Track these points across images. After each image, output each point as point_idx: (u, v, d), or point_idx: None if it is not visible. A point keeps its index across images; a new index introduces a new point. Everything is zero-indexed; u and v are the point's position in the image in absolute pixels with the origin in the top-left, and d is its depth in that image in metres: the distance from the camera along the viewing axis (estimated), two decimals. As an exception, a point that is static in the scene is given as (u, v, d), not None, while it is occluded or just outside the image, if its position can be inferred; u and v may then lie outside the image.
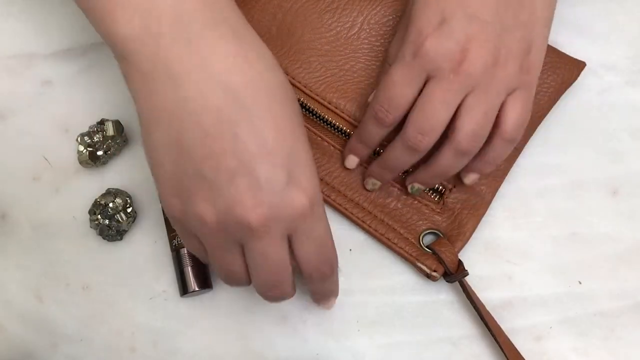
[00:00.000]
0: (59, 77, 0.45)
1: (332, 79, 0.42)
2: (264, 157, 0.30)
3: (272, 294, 0.34)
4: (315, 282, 0.35)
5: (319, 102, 0.41)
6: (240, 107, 0.30)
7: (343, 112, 0.41)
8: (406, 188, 0.40)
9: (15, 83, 0.45)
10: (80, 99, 0.45)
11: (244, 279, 0.34)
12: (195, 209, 0.31)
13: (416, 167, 0.39)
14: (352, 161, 0.40)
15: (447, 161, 0.37)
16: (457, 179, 0.40)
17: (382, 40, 0.42)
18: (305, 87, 0.41)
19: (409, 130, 0.36)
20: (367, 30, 0.42)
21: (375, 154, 0.40)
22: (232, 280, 0.34)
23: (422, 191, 0.41)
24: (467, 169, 0.38)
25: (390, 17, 0.42)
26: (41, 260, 0.42)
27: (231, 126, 0.30)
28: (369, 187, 0.41)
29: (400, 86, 0.35)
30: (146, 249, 0.42)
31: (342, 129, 0.41)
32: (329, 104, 0.41)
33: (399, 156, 0.37)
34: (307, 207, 0.31)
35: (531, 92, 0.37)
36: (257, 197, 0.30)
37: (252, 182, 0.30)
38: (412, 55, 0.35)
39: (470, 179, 0.39)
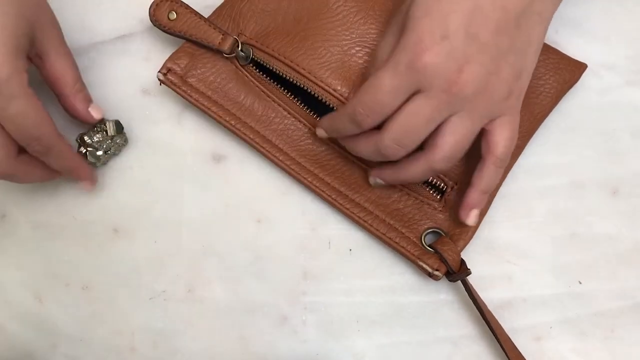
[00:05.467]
0: (59, 77, 0.45)
1: (337, 65, 0.40)
2: None
3: None
4: (42, 157, 0.37)
5: (324, 89, 0.40)
6: None
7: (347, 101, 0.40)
8: (408, 187, 0.41)
9: (15, 83, 0.45)
10: (80, 99, 0.45)
11: None
12: None
13: None
14: (321, 134, 0.40)
15: (418, 174, 0.37)
16: (459, 176, 0.40)
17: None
18: (309, 73, 0.40)
19: (387, 139, 0.35)
20: (374, 15, 0.41)
21: None
22: None
23: (424, 189, 0.41)
24: (466, 206, 0.38)
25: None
26: (41, 260, 0.42)
27: None
28: (371, 183, 0.41)
29: (388, 95, 0.34)
30: (146, 249, 0.42)
31: None
32: (334, 91, 0.40)
33: (373, 157, 0.37)
34: None
35: (517, 116, 0.37)
36: None
37: None
38: (407, 65, 0.33)
39: (472, 218, 0.39)
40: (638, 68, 0.45)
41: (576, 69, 0.43)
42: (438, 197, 0.41)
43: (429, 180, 0.41)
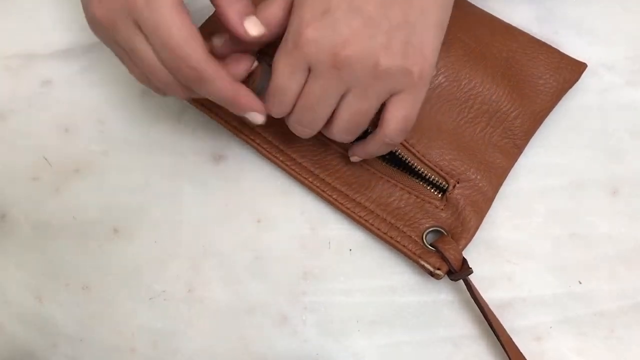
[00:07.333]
0: (59, 77, 0.45)
1: None
2: None
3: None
4: (194, 87, 0.34)
5: None
6: None
7: None
8: (410, 186, 0.41)
9: (15, 83, 0.45)
10: (80, 99, 0.45)
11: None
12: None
13: None
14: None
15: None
16: (461, 175, 0.40)
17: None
18: None
19: (291, 120, 0.36)
20: None
21: None
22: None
23: (425, 188, 0.41)
24: (350, 151, 0.40)
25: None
26: (41, 260, 0.42)
27: None
28: (352, 161, 0.41)
29: (283, 78, 0.34)
30: (146, 249, 0.42)
31: None
32: None
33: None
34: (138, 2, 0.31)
35: (419, 95, 0.34)
36: None
37: None
38: (293, 44, 0.32)
39: (353, 159, 0.40)
40: (638, 68, 0.45)
41: (576, 68, 0.43)
42: (439, 195, 0.41)
43: (431, 179, 0.41)
